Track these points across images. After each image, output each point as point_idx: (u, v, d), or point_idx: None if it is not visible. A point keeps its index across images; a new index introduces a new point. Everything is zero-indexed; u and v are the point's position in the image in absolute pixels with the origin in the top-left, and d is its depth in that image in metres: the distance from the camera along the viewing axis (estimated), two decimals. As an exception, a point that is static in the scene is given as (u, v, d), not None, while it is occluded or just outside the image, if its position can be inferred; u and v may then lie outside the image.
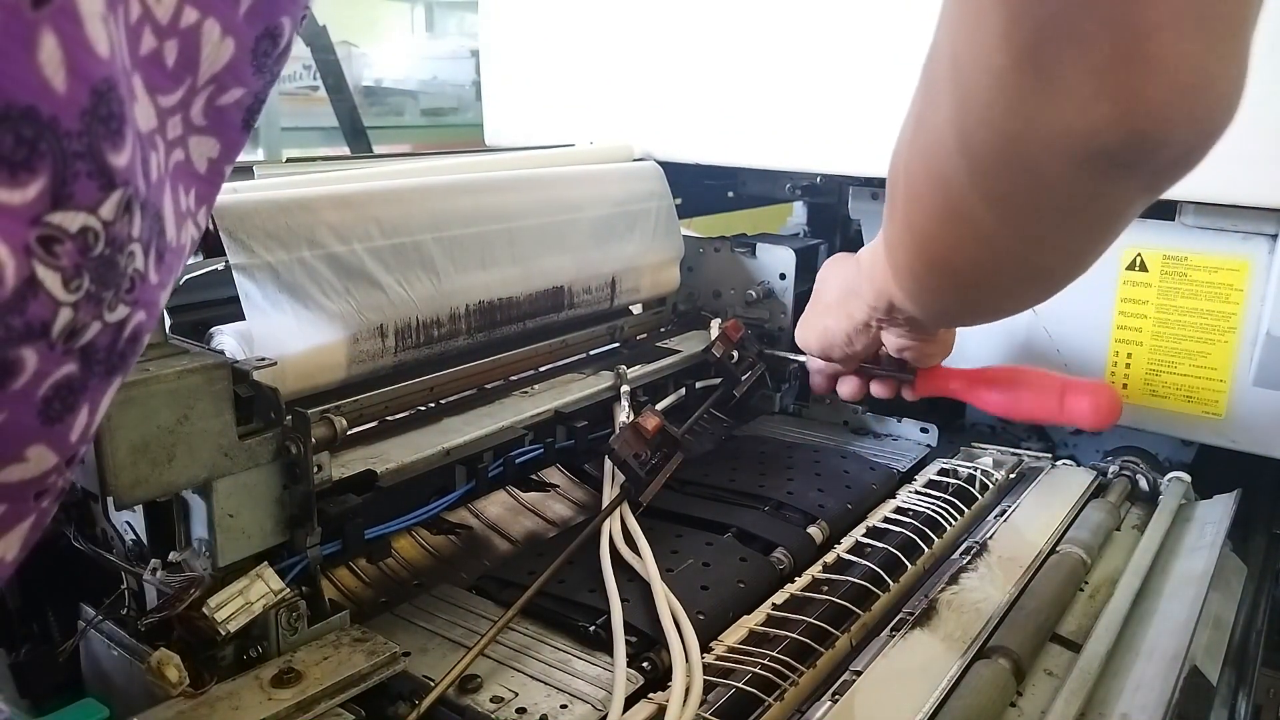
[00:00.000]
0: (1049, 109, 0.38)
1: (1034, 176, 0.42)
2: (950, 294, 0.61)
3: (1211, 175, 0.76)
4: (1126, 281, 0.88)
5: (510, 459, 0.79)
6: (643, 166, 1.06)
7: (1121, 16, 0.34)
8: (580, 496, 0.84)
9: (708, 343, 0.99)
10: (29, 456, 0.28)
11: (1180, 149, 0.39)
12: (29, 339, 0.25)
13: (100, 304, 0.27)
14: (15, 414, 0.26)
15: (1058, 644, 0.66)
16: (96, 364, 0.29)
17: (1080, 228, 0.47)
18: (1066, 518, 0.82)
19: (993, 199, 0.46)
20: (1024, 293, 0.58)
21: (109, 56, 0.25)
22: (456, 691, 0.57)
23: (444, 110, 3.76)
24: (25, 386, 0.26)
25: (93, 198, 0.26)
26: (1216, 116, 0.39)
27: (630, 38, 1.09)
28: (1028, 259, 0.51)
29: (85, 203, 0.25)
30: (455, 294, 0.80)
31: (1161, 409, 0.89)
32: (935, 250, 0.55)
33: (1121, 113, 0.36)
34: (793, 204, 1.34)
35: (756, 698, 0.57)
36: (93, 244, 0.26)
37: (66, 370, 0.27)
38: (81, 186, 0.25)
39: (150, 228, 0.29)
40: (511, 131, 1.20)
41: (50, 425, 0.28)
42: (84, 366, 0.28)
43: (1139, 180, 0.42)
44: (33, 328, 0.25)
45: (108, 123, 0.25)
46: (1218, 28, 0.36)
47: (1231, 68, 0.38)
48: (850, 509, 0.83)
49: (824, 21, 0.94)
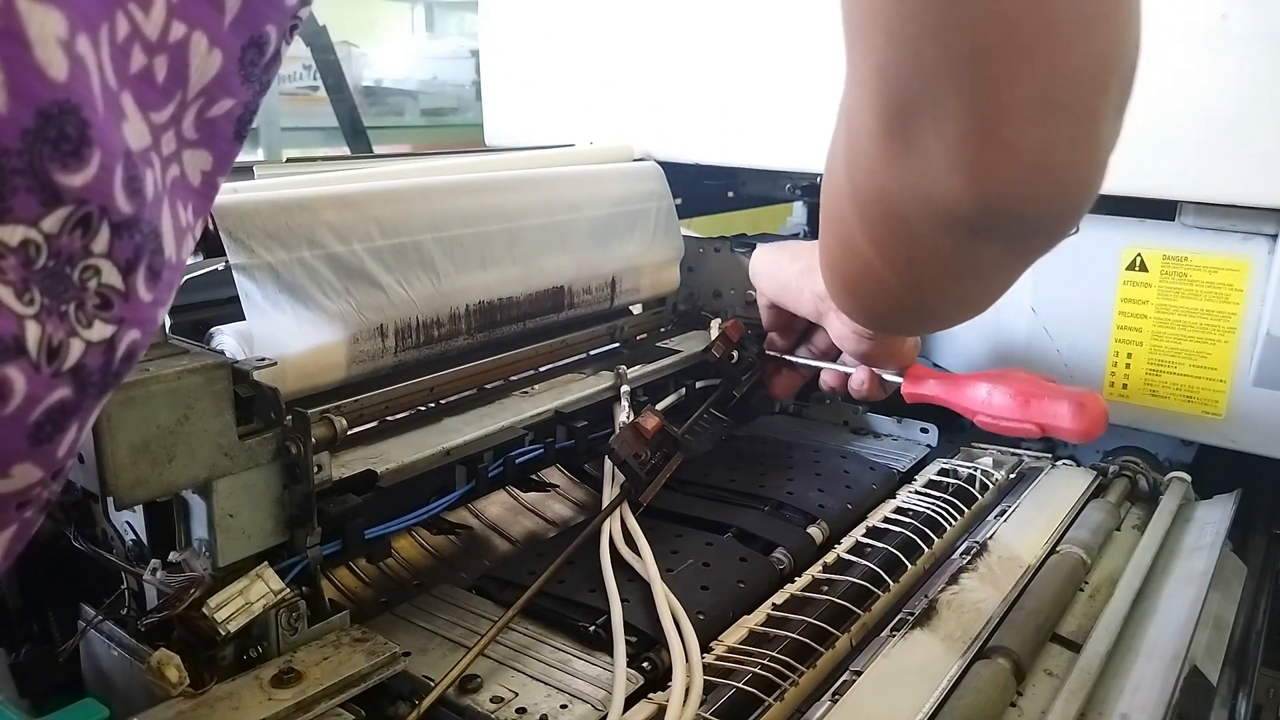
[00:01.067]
0: (914, 174, 0.40)
1: (909, 230, 0.44)
2: (861, 315, 0.65)
3: (1211, 175, 0.77)
4: (1126, 281, 0.88)
5: (510, 459, 0.79)
6: (643, 166, 1.06)
7: (979, 98, 0.36)
8: (580, 496, 0.84)
9: (708, 343, 0.99)
10: (13, 474, 0.28)
11: (1034, 224, 0.41)
12: (5, 357, 0.26)
13: (65, 319, 0.28)
14: (3, 437, 0.27)
15: (1058, 644, 0.66)
16: (90, 386, 0.29)
17: (959, 281, 0.49)
18: (1066, 518, 0.82)
19: (877, 245, 0.48)
20: (924, 325, 0.60)
21: (65, 80, 0.25)
22: (456, 691, 0.57)
23: (444, 110, 3.76)
24: (16, 411, 0.26)
25: (33, 212, 0.26)
26: (1067, 198, 0.40)
27: (630, 38, 1.09)
28: (919, 300, 0.53)
29: (25, 217, 0.26)
30: (455, 294, 0.80)
31: (1161, 409, 0.89)
32: (841, 276, 0.57)
33: (975, 187, 0.38)
34: (793, 204, 1.34)
35: (756, 698, 0.57)
36: (34, 257, 0.26)
37: (60, 395, 0.28)
38: (20, 201, 0.25)
39: (139, 246, 0.30)
40: (511, 131, 1.20)
41: (39, 445, 0.28)
42: (78, 390, 0.29)
43: (1002, 245, 0.43)
44: (5, 343, 0.26)
45: (58, 144, 0.26)
46: (1071, 116, 0.37)
47: (1083, 153, 0.39)
48: (850, 509, 0.83)
49: (824, 22, 0.94)
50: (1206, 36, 0.74)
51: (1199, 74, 0.75)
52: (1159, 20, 0.76)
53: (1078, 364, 0.93)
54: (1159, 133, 0.78)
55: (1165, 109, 0.77)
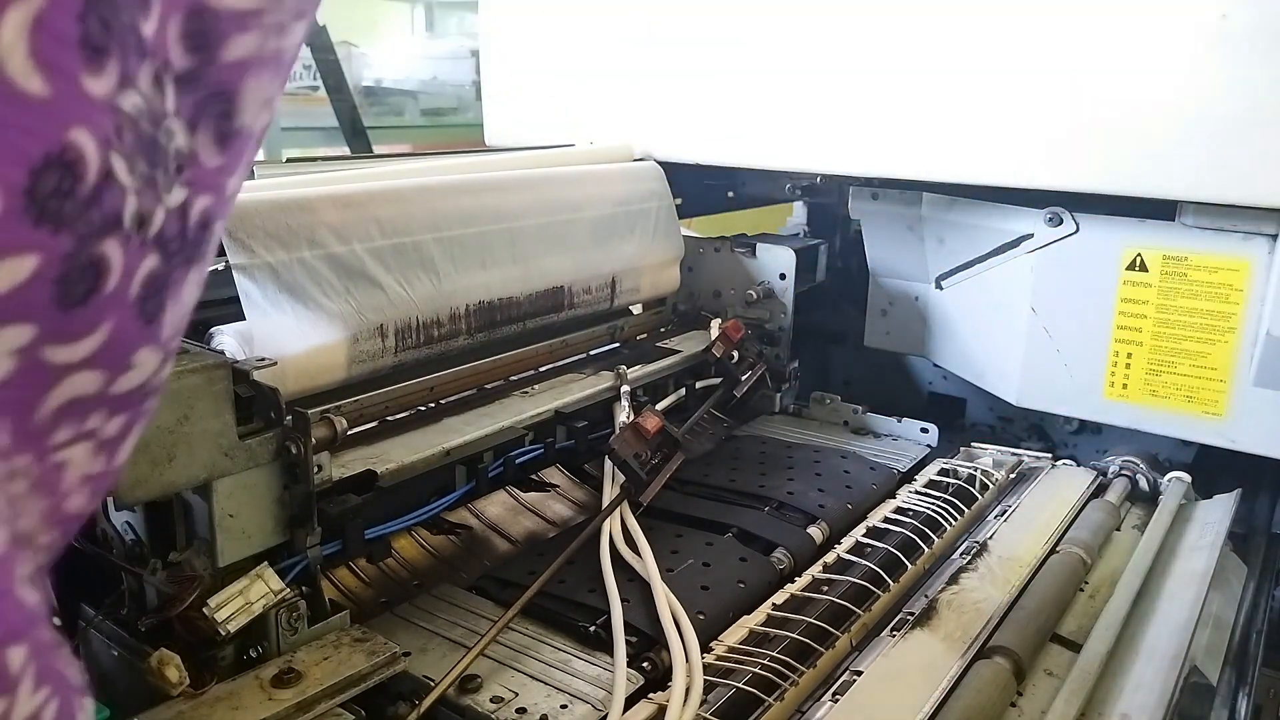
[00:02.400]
0: None
1: None
2: None
3: (1211, 175, 0.77)
4: (1126, 281, 0.88)
5: (510, 459, 0.79)
6: (643, 166, 1.06)
7: None
8: (580, 496, 0.84)
9: (708, 343, 0.99)
10: (136, 362, 0.27)
11: None
12: (107, 231, 0.24)
13: (155, 186, 0.26)
14: (120, 320, 0.25)
15: (1058, 644, 0.66)
16: (173, 255, 0.28)
17: None
18: (1066, 518, 0.82)
19: None
20: None
21: None
22: (456, 691, 0.57)
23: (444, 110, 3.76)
24: (118, 288, 0.25)
25: (135, 70, 0.24)
26: None
27: (630, 38, 1.09)
28: None
29: (132, 76, 0.24)
30: (455, 294, 0.80)
31: (1161, 409, 0.89)
32: None
33: None
34: (793, 204, 1.34)
35: (757, 698, 0.57)
36: (139, 121, 0.25)
37: (150, 265, 0.26)
38: (132, 60, 0.24)
39: (200, 104, 0.28)
40: (511, 131, 1.20)
41: (149, 325, 0.27)
42: (163, 259, 0.27)
43: None
44: (109, 219, 0.24)
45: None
46: None
47: None
48: (850, 509, 0.83)
49: (824, 22, 0.94)
50: (1206, 36, 0.74)
51: (1199, 74, 0.75)
52: (1159, 20, 0.76)
53: (1078, 364, 0.93)
54: (1159, 133, 0.78)
55: (1165, 109, 0.77)
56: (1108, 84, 0.79)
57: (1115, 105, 0.79)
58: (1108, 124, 0.80)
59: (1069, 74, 0.81)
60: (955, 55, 0.86)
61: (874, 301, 1.12)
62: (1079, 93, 0.81)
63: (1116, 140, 0.80)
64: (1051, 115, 0.82)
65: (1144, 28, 0.77)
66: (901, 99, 0.90)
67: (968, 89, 0.86)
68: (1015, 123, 0.84)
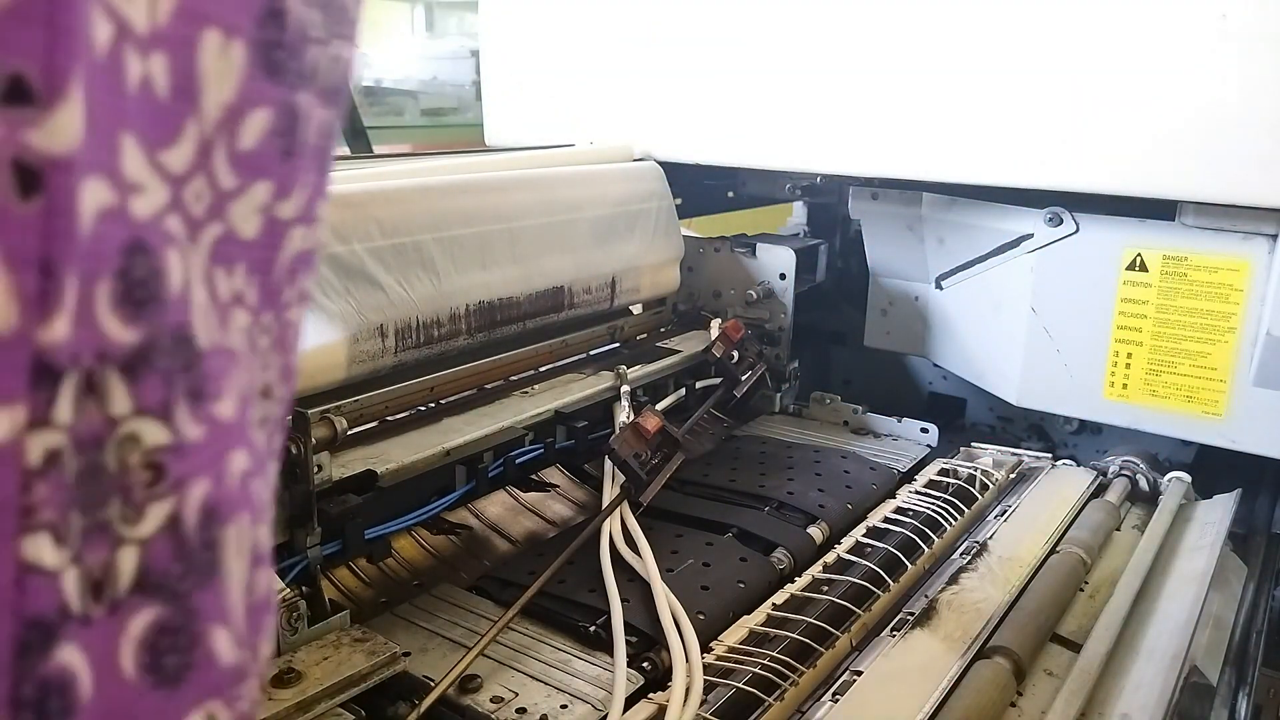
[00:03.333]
0: None
1: None
2: None
3: (1211, 175, 0.77)
4: (1126, 281, 0.88)
5: (510, 459, 0.79)
6: (643, 166, 1.06)
7: None
8: (580, 496, 0.84)
9: (708, 343, 0.99)
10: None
11: None
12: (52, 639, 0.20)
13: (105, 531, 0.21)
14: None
15: (1058, 644, 0.66)
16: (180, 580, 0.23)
17: None
18: (1066, 518, 0.82)
19: None
20: None
21: None
22: (456, 691, 0.57)
23: (444, 110, 3.76)
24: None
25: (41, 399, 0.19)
26: None
27: (630, 38, 1.09)
28: None
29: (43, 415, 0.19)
30: (455, 294, 0.80)
31: (1161, 409, 0.89)
32: None
33: None
34: (793, 204, 1.34)
35: (757, 698, 0.57)
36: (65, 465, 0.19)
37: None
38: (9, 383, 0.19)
39: (166, 376, 0.21)
40: (511, 131, 1.20)
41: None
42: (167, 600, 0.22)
43: None
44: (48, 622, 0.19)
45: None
46: None
47: None
48: (850, 509, 0.83)
49: (824, 22, 0.94)
50: (1206, 36, 0.74)
51: (1199, 74, 0.75)
52: (1159, 20, 0.76)
53: (1078, 364, 0.93)
54: (1159, 133, 0.78)
55: (1165, 109, 0.77)
56: (1107, 84, 0.79)
57: (1115, 105, 0.79)
58: (1108, 124, 0.80)
59: (1069, 74, 0.81)
60: (955, 55, 0.86)
61: (874, 301, 1.12)
62: (1079, 93, 0.81)
63: (1116, 140, 0.80)
64: (1051, 115, 0.82)
65: (1144, 27, 0.77)
66: (901, 99, 0.90)
67: (968, 89, 0.86)
68: (1015, 123, 0.84)
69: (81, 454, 0.19)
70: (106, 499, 0.20)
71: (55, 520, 0.19)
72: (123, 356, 0.20)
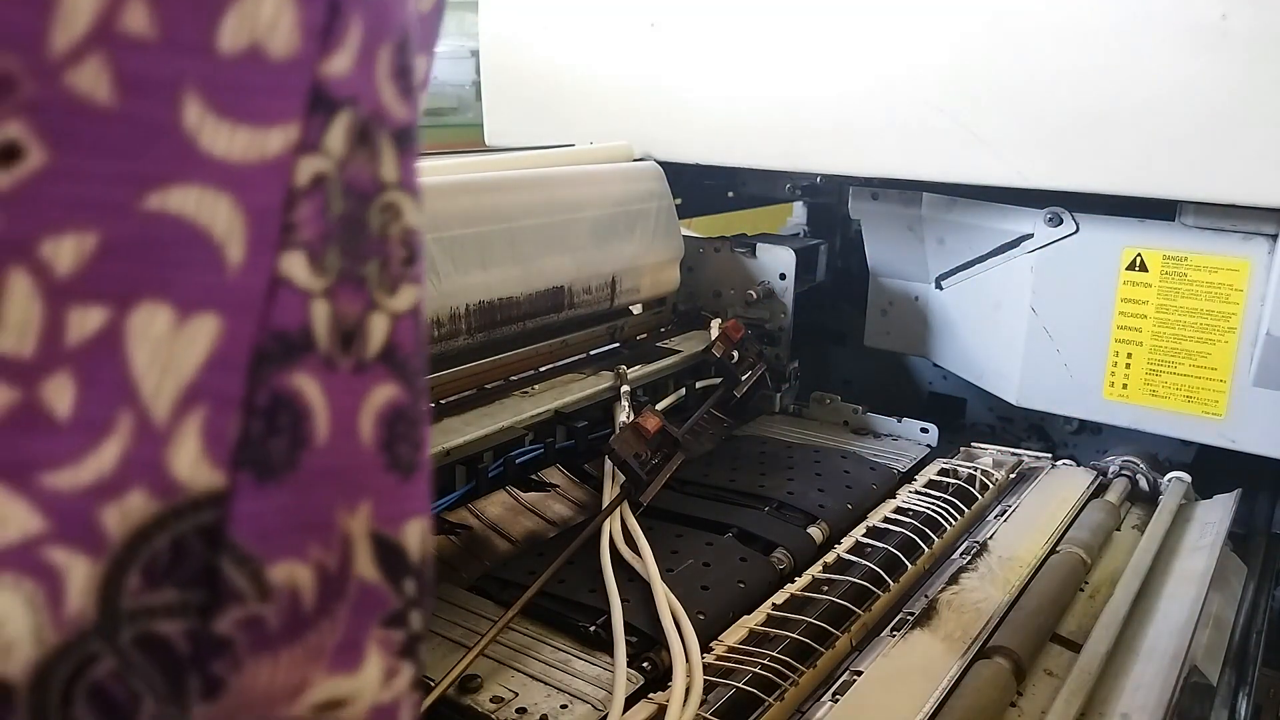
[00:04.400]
0: None
1: None
2: None
3: (1211, 175, 0.77)
4: (1126, 281, 0.88)
5: (510, 459, 0.79)
6: (643, 166, 1.06)
7: None
8: (580, 496, 0.84)
9: (708, 343, 0.99)
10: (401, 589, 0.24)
11: None
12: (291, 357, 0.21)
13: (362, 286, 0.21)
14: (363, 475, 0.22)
15: (1058, 644, 0.66)
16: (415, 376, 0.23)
17: None
18: (1066, 518, 0.82)
19: None
20: None
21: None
22: (456, 691, 0.57)
23: (444, 110, 3.76)
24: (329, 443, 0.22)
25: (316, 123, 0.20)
26: None
27: (630, 38, 1.09)
28: None
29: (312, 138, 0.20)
30: (455, 294, 0.80)
31: (1161, 409, 0.89)
32: None
33: None
34: (793, 204, 1.34)
35: (757, 698, 0.57)
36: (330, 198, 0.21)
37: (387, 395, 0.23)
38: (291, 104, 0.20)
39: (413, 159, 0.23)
40: (511, 131, 1.20)
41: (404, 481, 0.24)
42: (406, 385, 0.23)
43: None
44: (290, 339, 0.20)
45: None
46: None
47: None
48: (850, 509, 0.83)
49: (823, 22, 0.94)
50: (1206, 36, 0.74)
51: (1199, 74, 0.75)
52: (1159, 20, 0.76)
53: (1078, 364, 0.93)
54: (1159, 133, 0.78)
55: (1165, 109, 0.77)
56: (1107, 83, 0.79)
57: (1115, 104, 0.79)
58: (1108, 123, 0.80)
59: (1069, 73, 0.81)
60: (955, 55, 0.86)
61: (874, 301, 1.12)
62: (1079, 92, 0.81)
63: (1116, 140, 0.80)
64: (1051, 115, 0.82)
65: (1144, 27, 0.77)
66: (901, 99, 0.90)
67: (967, 89, 0.86)
68: (1015, 122, 0.84)
69: (348, 198, 0.20)
70: (367, 255, 0.21)
71: (313, 243, 0.20)
72: (395, 126, 0.21)
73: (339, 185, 0.20)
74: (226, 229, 0.19)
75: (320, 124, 0.20)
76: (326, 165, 0.20)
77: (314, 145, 0.20)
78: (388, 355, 0.22)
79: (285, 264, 0.20)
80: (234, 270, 0.19)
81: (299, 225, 0.20)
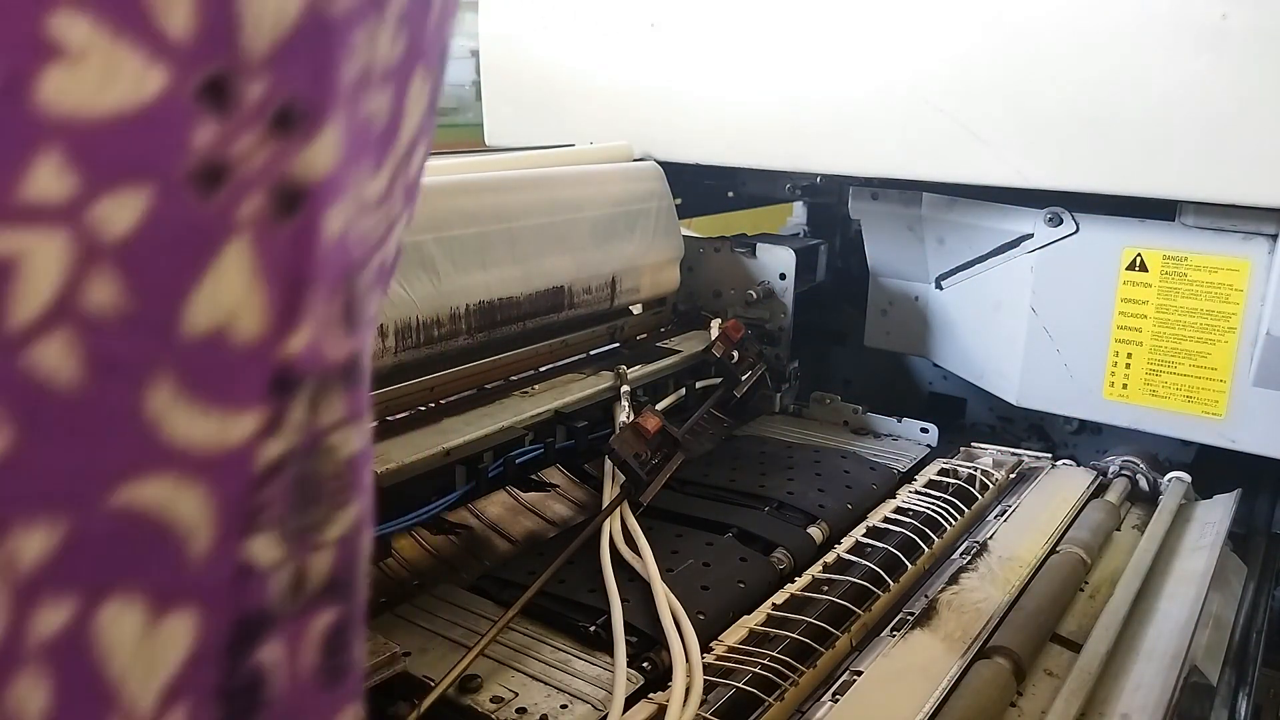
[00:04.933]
0: None
1: None
2: None
3: (1211, 175, 0.77)
4: (1126, 281, 0.88)
5: (510, 459, 0.79)
6: (643, 166, 1.06)
7: None
8: (580, 496, 0.84)
9: (708, 343, 0.99)
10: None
11: None
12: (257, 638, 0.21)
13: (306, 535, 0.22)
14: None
15: (1058, 644, 0.66)
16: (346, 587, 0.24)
17: None
18: (1066, 518, 0.82)
19: None
20: None
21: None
22: (456, 691, 0.57)
23: (444, 110, 3.74)
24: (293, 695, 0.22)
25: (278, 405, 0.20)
26: None
27: (630, 38, 1.09)
28: None
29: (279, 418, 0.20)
30: (455, 294, 0.80)
31: (1161, 409, 0.89)
32: None
33: None
34: (793, 204, 1.34)
35: (757, 698, 0.57)
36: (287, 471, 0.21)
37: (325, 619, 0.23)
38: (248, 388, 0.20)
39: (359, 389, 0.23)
40: (511, 131, 1.20)
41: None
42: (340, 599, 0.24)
43: None
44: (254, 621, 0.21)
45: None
46: None
47: None
48: (850, 509, 0.83)
49: (824, 22, 0.94)
50: (1206, 36, 0.74)
51: (1199, 74, 0.75)
52: (1159, 20, 0.76)
53: (1078, 364, 0.93)
54: (1159, 133, 0.78)
55: (1165, 109, 0.77)
56: (1107, 83, 0.79)
57: (1115, 105, 0.79)
58: (1107, 123, 0.80)
59: (1069, 73, 0.81)
60: (955, 55, 0.86)
61: (874, 301, 1.12)
62: (1079, 92, 0.81)
63: (1116, 140, 0.80)
64: (1051, 115, 0.82)
65: (1144, 27, 0.77)
66: (901, 99, 0.90)
67: (967, 89, 0.86)
68: (1015, 122, 0.84)
69: (303, 461, 0.20)
70: (315, 505, 0.21)
71: (276, 523, 0.20)
72: (340, 369, 0.21)
73: (298, 455, 0.20)
74: (194, 521, 0.18)
75: (284, 406, 0.19)
76: (289, 443, 0.20)
77: (278, 426, 0.19)
78: (330, 584, 0.22)
79: (253, 549, 0.19)
80: (201, 561, 0.19)
81: (264, 508, 0.19)
